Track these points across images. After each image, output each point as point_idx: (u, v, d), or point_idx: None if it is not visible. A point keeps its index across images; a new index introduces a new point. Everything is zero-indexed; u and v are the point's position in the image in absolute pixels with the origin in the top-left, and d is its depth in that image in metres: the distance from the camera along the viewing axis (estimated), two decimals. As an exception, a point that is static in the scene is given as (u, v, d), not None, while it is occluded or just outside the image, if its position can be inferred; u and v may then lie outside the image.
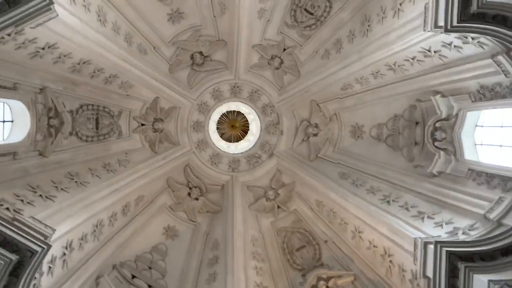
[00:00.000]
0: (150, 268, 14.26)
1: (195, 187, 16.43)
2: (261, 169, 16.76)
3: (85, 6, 11.52)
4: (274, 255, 15.16)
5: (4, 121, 12.47)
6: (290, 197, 16.19)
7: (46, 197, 11.14)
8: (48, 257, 9.99)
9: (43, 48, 11.09)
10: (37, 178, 11.82)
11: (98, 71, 13.55)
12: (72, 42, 11.55)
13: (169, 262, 14.77)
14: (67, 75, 12.94)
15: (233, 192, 16.08)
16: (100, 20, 12.47)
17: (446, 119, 12.69)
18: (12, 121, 12.60)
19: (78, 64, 12.73)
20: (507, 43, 8.94)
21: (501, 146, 11.70)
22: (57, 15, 9.86)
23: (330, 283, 12.87)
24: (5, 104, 12.39)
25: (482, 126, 12.23)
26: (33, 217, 9.83)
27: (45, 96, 12.75)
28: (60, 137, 13.34)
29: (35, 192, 11.06)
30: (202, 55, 15.98)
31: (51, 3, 9.31)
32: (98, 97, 14.62)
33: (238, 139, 17.40)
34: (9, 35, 9.45)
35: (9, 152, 11.69)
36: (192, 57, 15.94)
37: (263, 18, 15.09)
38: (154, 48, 15.25)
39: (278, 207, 16.15)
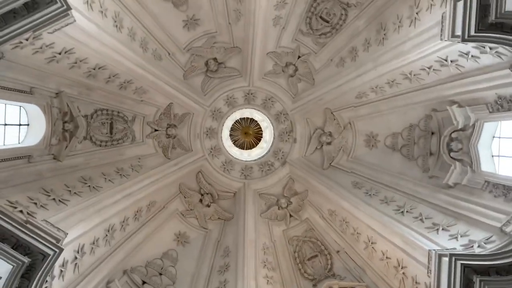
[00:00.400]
0: (160, 274, 14.30)
1: (207, 193, 16.42)
2: (273, 177, 16.71)
3: (102, 12, 11.66)
4: (285, 264, 15.07)
5: (20, 125, 12.62)
6: (302, 205, 16.10)
7: (59, 200, 11.24)
8: (59, 261, 10.06)
9: (59, 53, 11.23)
10: (50, 182, 11.95)
11: (113, 76, 13.67)
12: (88, 47, 11.68)
13: (179, 269, 14.77)
14: (83, 80, 13.08)
15: (245, 199, 16.04)
16: (117, 26, 12.59)
17: (463, 129, 12.50)
18: (28, 125, 12.76)
19: (94, 69, 12.85)
20: (526, 54, 8.83)
21: (519, 158, 11.50)
22: (75, 20, 9.99)
23: (342, 294, 12.74)
24: (21, 107, 12.57)
25: (499, 137, 12.02)
26: (46, 220, 9.92)
27: (60, 100, 12.93)
28: (74, 141, 13.51)
29: (49, 195, 11.17)
30: (217, 61, 16.04)
31: (69, 8, 9.44)
32: (113, 102, 14.74)
33: (251, 146, 17.37)
34: (27, 39, 9.61)
35: (24, 155, 11.86)
36: (206, 63, 16.01)
37: (278, 26, 15.10)
38: (169, 54, 15.34)
39: (290, 215, 16.07)
